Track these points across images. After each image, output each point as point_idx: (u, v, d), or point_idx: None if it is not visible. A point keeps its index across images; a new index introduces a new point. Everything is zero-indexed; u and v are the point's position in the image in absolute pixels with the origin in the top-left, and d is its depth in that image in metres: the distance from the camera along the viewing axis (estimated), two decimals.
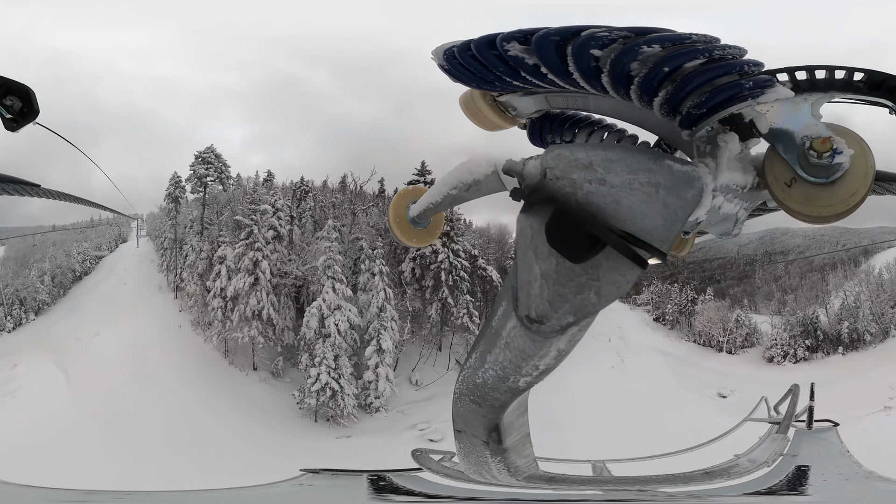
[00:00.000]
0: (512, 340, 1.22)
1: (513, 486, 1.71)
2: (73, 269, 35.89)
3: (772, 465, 4.14)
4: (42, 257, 33.86)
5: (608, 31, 1.03)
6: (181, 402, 23.40)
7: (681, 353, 20.92)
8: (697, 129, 1.11)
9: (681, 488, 3.65)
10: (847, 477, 3.97)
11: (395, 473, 3.60)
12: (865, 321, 21.62)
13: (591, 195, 1.07)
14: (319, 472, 3.83)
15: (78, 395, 23.24)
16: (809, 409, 6.54)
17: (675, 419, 13.17)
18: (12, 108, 1.95)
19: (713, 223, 1.30)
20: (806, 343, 21.37)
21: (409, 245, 1.85)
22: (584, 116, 1.57)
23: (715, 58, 1.03)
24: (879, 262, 26.85)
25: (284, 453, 19.18)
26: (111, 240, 39.32)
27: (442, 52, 1.29)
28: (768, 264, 29.23)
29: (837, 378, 18.05)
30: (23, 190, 2.47)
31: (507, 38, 1.13)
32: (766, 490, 3.58)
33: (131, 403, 22.81)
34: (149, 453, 19.66)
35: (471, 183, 1.51)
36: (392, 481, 3.47)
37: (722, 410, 14.45)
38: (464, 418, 1.47)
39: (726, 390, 15.48)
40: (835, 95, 1.25)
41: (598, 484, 3.85)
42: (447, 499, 3.32)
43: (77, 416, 21.61)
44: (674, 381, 17.33)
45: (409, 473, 3.65)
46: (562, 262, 1.08)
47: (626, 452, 6.04)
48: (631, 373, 17.78)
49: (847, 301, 23.00)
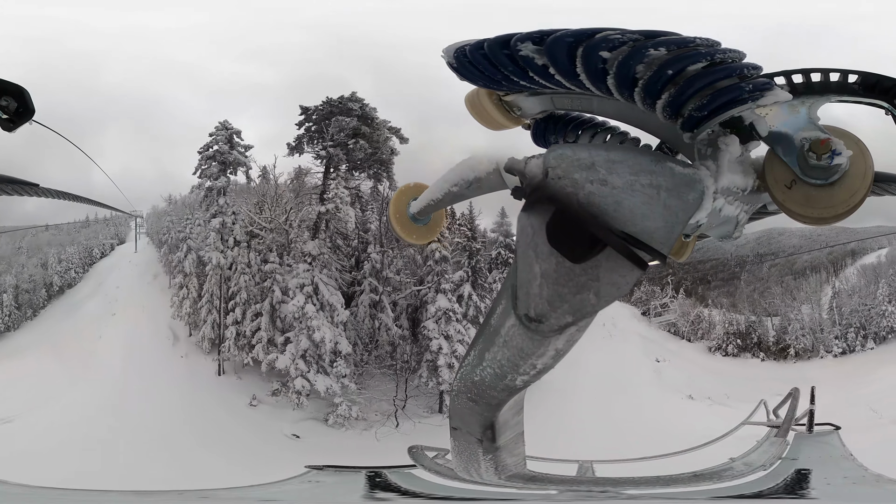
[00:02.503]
0: (510, 339, 1.22)
1: (493, 484, 1.71)
2: (51, 282, 27.51)
3: (769, 468, 4.13)
4: (10, 266, 26.03)
5: (621, 34, 1.04)
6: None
7: (654, 337, 25.90)
8: (699, 131, 1.11)
9: (659, 490, 3.65)
10: (854, 480, 3.96)
11: (392, 470, 3.62)
12: (794, 334, 24.66)
13: (593, 195, 1.07)
14: (324, 469, 3.86)
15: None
16: (810, 412, 6.52)
17: (623, 366, 20.28)
18: (7, 109, 1.96)
19: (714, 226, 1.31)
20: (737, 342, 25.45)
21: (410, 242, 1.85)
22: (588, 118, 1.58)
23: (716, 61, 1.04)
24: (865, 263, 27.22)
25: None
26: (106, 241, 32.34)
27: (452, 51, 1.29)
28: (755, 266, 29.63)
29: (738, 376, 22.22)
30: (21, 190, 2.47)
31: (523, 39, 1.14)
32: (754, 493, 3.57)
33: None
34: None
35: (472, 180, 1.52)
36: (387, 478, 3.48)
37: (649, 364, 22.58)
38: (460, 416, 1.47)
39: (662, 358, 23.34)
40: (831, 98, 1.26)
41: (578, 484, 3.85)
42: (441, 499, 3.33)
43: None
44: (639, 352, 23.59)
45: (403, 470, 3.66)
46: (562, 262, 1.09)
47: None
48: (613, 345, 22.09)
49: (795, 313, 25.67)
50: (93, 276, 29.35)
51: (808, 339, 24.84)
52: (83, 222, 31.61)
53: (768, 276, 29.19)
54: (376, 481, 3.44)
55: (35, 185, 2.50)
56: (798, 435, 5.86)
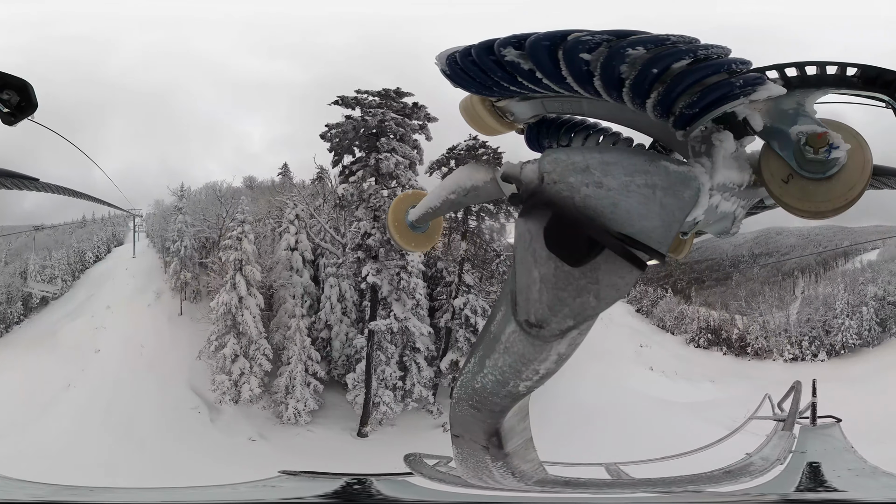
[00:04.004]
0: (511, 345, 1.21)
1: (523, 490, 1.70)
2: (29, 294, 22.06)
3: (784, 462, 4.14)
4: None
5: (591, 35, 1.04)
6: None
7: (643, 330, 28.41)
8: (691, 129, 1.11)
9: (712, 488, 3.65)
10: (857, 473, 3.97)
11: (381, 478, 3.54)
12: (755, 334, 27.11)
13: (589, 198, 1.07)
14: (297, 474, 3.80)
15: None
16: (812, 405, 6.55)
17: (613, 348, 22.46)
18: (10, 103, 1.96)
19: (711, 222, 1.30)
20: (708, 336, 28.20)
21: (408, 249, 1.85)
22: (580, 120, 1.58)
23: (700, 58, 1.04)
24: (858, 263, 27.52)
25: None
26: (101, 243, 27.18)
27: (445, 58, 1.29)
28: (747, 267, 30.11)
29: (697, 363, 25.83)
30: (21, 184, 2.47)
31: (504, 44, 1.14)
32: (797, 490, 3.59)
33: None
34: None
35: (469, 188, 1.52)
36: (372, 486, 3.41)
37: (633, 348, 25.74)
38: (462, 423, 1.46)
39: (644, 344, 26.76)
40: (828, 91, 1.25)
41: (617, 487, 3.82)
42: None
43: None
44: (629, 339, 26.11)
45: (397, 478, 3.59)
46: (560, 266, 1.08)
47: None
48: (608, 334, 23.81)
49: (761, 314, 27.75)
50: (82, 286, 23.83)
51: (765, 341, 26.92)
52: (79, 222, 26.71)
53: (758, 276, 30.10)
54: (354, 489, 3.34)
55: (35, 180, 2.50)
56: (803, 428, 5.88)
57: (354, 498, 3.29)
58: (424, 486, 3.48)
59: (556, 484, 1.81)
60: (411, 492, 3.44)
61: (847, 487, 3.66)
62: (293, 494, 3.57)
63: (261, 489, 3.58)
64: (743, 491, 3.62)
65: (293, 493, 3.61)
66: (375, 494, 3.32)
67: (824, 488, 3.52)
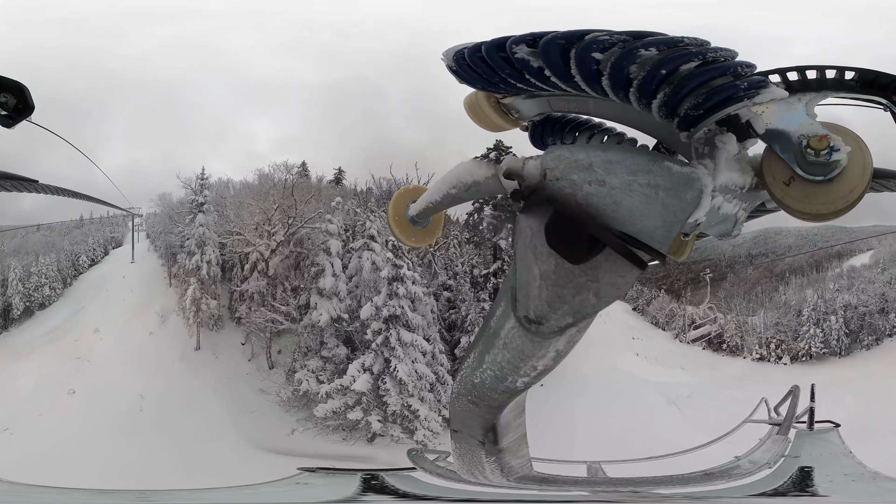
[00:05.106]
0: (510, 341, 1.22)
1: (502, 486, 1.71)
2: (9, 304, 18.84)
3: (773, 466, 4.14)
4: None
5: (609, 35, 1.04)
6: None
7: (637, 326, 30.01)
8: (695, 130, 1.11)
9: (678, 489, 3.65)
10: (853, 478, 3.97)
11: (389, 473, 3.60)
12: (730, 332, 28.23)
13: (591, 196, 1.07)
14: (316, 471, 3.84)
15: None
16: (810, 410, 6.53)
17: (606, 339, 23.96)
18: (6, 106, 1.97)
19: (712, 224, 1.31)
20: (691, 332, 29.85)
21: (409, 244, 1.85)
22: (585, 120, 1.58)
23: (709, 60, 1.04)
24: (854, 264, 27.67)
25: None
26: (97, 245, 24.57)
27: (452, 54, 1.30)
28: (743, 268, 30.45)
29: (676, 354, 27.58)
30: (21, 186, 2.48)
31: (518, 41, 1.14)
32: (773, 491, 3.57)
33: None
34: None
35: (471, 183, 1.52)
36: (384, 481, 3.46)
37: (625, 340, 27.19)
38: (461, 418, 1.47)
39: (636, 337, 28.46)
40: (828, 95, 1.27)
41: (592, 485, 3.84)
42: (441, 500, 3.32)
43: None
44: (623, 333, 27.47)
45: (402, 473, 3.64)
46: (561, 263, 1.09)
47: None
48: (605, 329, 25.06)
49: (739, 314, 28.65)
50: (72, 296, 20.50)
51: (740, 340, 27.98)
52: (76, 222, 23.99)
53: (751, 277, 30.49)
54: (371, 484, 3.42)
55: (34, 181, 2.51)
56: (799, 432, 5.87)
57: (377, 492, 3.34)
58: (427, 480, 3.51)
59: (534, 480, 1.82)
60: (415, 486, 3.48)
61: (837, 492, 3.66)
62: (317, 492, 3.60)
63: (284, 488, 3.61)
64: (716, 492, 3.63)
65: (317, 490, 3.64)
66: (390, 488, 3.36)
67: (805, 493, 3.51)
